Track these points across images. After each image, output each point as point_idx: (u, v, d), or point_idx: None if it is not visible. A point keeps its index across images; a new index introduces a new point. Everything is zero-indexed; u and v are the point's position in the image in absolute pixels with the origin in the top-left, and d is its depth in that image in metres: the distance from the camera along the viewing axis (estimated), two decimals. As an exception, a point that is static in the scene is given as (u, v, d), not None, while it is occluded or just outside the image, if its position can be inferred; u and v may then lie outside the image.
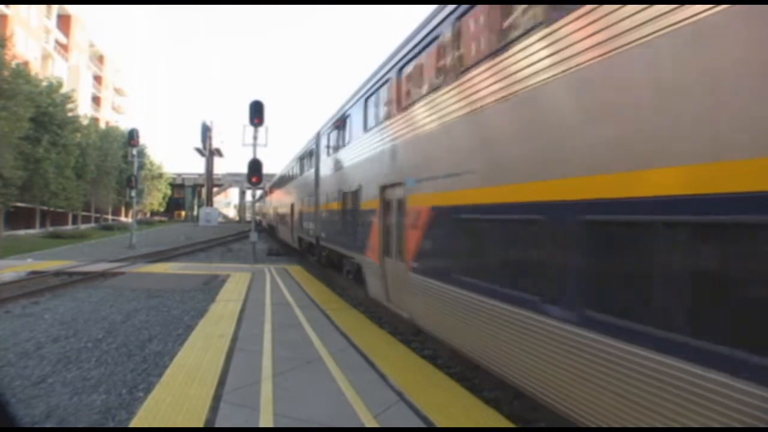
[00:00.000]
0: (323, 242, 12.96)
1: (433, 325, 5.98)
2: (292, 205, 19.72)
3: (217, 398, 4.42)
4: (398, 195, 7.01)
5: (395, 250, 7.19)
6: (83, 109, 47.58)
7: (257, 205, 36.30)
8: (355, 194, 9.30)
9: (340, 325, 7.42)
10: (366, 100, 8.83)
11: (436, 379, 5.10)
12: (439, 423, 3.96)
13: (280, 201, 24.87)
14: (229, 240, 32.08)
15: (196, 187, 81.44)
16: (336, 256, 11.97)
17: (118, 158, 45.17)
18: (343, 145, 10.72)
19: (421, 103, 6.11)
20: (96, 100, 61.84)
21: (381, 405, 4.29)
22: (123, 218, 59.39)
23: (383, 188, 7.68)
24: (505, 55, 4.25)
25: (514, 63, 4.12)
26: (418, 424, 3.96)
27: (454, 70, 5.24)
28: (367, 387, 4.74)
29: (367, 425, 3.90)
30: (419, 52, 6.35)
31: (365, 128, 8.86)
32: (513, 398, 5.16)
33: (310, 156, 15.55)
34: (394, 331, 7.56)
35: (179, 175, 78.69)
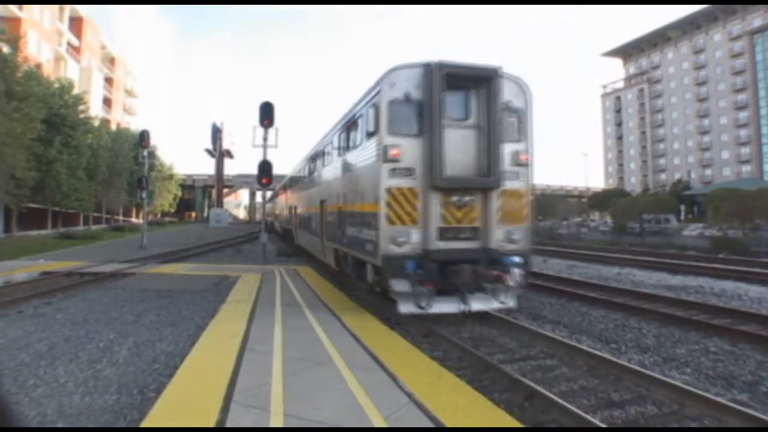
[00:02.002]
0: (287, 227, 25.89)
1: (302, 243, 19.40)
2: (279, 210, 33.76)
3: (227, 399, 4.41)
4: (298, 208, 19.79)
5: (296, 224, 20.64)
6: (95, 110, 48.17)
7: (266, 206, 38.57)
8: (290, 208, 23.00)
9: (350, 327, 7.40)
10: (281, 186, 30.14)
11: (446, 381, 5.07)
12: (450, 424, 3.92)
13: (276, 207, 40.09)
14: (239, 241, 32.29)
15: (206, 188, 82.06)
16: (289, 232, 24.43)
17: (129, 159, 45.61)
18: (284, 193, 26.86)
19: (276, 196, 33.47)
20: (107, 102, 62.60)
21: (391, 406, 4.26)
22: (134, 219, 60.01)
23: (295, 207, 20.96)
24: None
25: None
26: (429, 425, 3.93)
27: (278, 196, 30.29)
28: (377, 388, 4.72)
29: (378, 426, 3.88)
30: (283, 189, 28.48)
31: (283, 192, 27.67)
32: (523, 400, 5.12)
33: (282, 188, 29.90)
34: (404, 333, 7.53)
35: (189, 176, 79.27)
